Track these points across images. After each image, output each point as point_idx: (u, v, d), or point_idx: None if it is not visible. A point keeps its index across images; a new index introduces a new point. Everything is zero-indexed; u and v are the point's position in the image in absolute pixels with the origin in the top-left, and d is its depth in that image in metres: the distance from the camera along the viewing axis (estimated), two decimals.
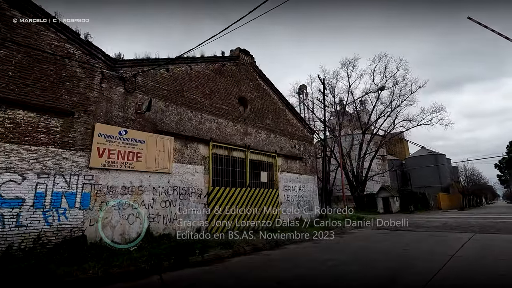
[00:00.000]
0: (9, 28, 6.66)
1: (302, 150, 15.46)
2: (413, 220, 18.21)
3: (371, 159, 36.95)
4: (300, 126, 15.77)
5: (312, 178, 15.75)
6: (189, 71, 10.53)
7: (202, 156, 10.25)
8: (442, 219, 18.61)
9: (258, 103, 13.36)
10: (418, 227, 13.00)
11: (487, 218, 18.40)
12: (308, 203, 14.94)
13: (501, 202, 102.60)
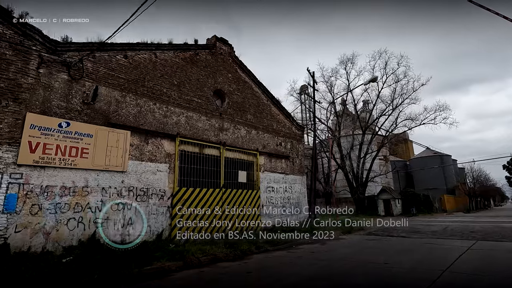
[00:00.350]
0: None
1: (289, 149, 14.30)
2: (412, 224, 16.89)
3: (372, 159, 35.55)
4: (287, 122, 14.62)
5: (301, 178, 14.57)
6: (153, 58, 9.48)
7: (166, 153, 9.17)
8: (444, 222, 17.27)
9: (237, 97, 12.26)
10: (414, 233, 11.73)
11: (493, 222, 17.00)
12: (295, 205, 13.75)
13: (510, 204, 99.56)
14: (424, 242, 8.97)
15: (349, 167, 35.13)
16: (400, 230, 13.16)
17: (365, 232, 12.87)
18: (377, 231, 13.20)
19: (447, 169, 54.52)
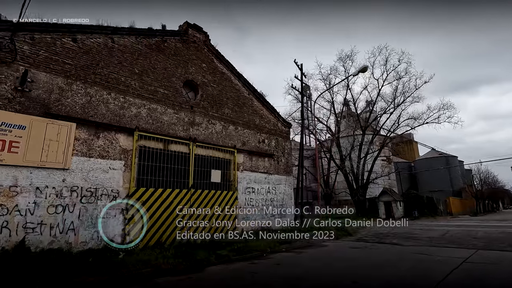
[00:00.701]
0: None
1: (273, 146, 13.20)
2: (410, 228, 15.63)
3: (373, 160, 34.20)
4: (272, 118, 13.52)
5: (287, 178, 13.44)
6: (110, 44, 8.49)
7: (122, 148, 8.15)
8: (445, 227, 15.95)
9: (213, 89, 11.21)
10: (408, 239, 10.52)
11: (499, 226, 15.63)
12: (279, 208, 12.63)
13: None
14: (414, 251, 7.77)
15: (348, 168, 33.85)
16: (394, 235, 11.96)
17: (355, 237, 11.69)
18: (369, 236, 12.01)
19: (453, 171, 52.71)
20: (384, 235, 12.39)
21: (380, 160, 47.00)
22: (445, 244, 8.93)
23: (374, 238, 11.29)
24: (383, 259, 7.00)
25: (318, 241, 10.44)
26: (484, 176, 50.98)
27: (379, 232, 13.44)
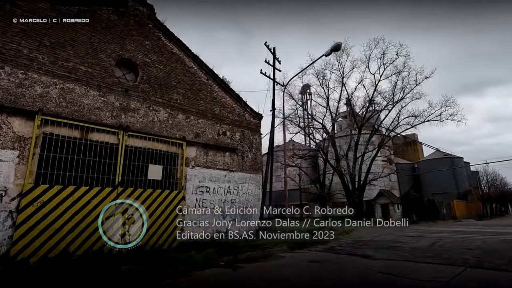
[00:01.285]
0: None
1: (237, 140, 11.50)
2: (401, 233, 13.78)
3: (371, 160, 32.27)
4: (237, 108, 11.82)
5: (254, 177, 11.72)
6: (8, 8, 6.92)
7: (17, 136, 6.54)
8: (441, 233, 14.04)
9: (159, 71, 9.57)
10: (387, 250, 8.69)
11: (503, 233, 13.67)
12: (243, 211, 10.91)
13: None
14: (383, 269, 5.98)
15: (344, 168, 31.94)
16: (374, 244, 10.15)
17: (327, 246, 9.90)
18: (344, 245, 10.22)
19: (459, 173, 50.25)
20: (363, 243, 10.58)
21: (381, 161, 44.98)
22: (429, 258, 7.10)
23: (348, 247, 9.50)
24: (334, 279, 5.25)
25: (279, 250, 8.71)
26: (491, 178, 48.37)
27: (360, 240, 11.64)
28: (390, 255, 7.69)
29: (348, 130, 35.16)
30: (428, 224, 22.56)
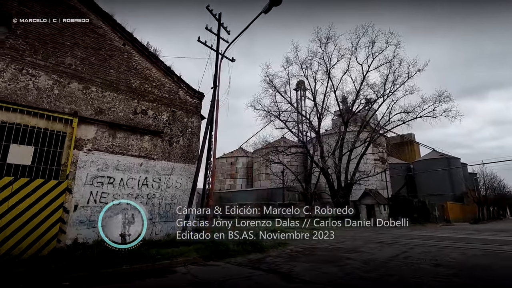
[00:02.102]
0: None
1: (165, 122, 9.34)
2: (369, 239, 11.63)
3: (359, 158, 30.10)
4: (167, 82, 9.65)
5: (186, 168, 9.56)
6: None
7: None
8: (418, 239, 11.88)
9: (44, 26, 7.39)
10: (331, 263, 6.54)
11: (491, 240, 11.50)
12: (167, 209, 8.79)
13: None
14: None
15: (329, 166, 29.75)
16: (322, 255, 8.01)
17: (256, 256, 7.72)
18: (283, 255, 8.08)
19: (455, 174, 47.99)
20: (311, 252, 8.44)
21: (373, 160, 42.82)
22: (370, 283, 4.94)
23: (284, 259, 7.35)
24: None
25: (182, 262, 6.55)
26: (488, 180, 46.05)
27: (313, 247, 9.49)
28: (322, 274, 5.52)
29: (342, 128, 32.96)
30: (414, 228, 20.37)
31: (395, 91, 28.07)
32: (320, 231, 11.73)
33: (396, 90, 27.97)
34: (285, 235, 10.51)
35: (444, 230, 18.36)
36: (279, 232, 10.53)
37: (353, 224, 13.26)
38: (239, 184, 57.27)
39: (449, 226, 26.09)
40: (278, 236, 10.09)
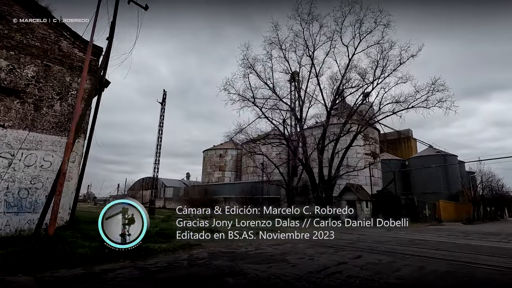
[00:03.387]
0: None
1: (29, 78, 6.87)
2: (329, 239, 9.24)
3: (345, 151, 27.62)
4: (40, 26, 7.15)
5: (61, 142, 7.12)
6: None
7: None
8: (382, 244, 9.51)
9: None
10: (229, 278, 4.14)
11: (473, 248, 9.08)
12: (20, 196, 6.38)
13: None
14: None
15: (315, 159, 27.30)
16: (197, 265, 5.59)
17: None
18: (175, 261, 5.66)
19: (451, 172, 45.43)
20: (202, 258, 6.02)
21: (364, 154, 40.32)
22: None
23: (149, 269, 4.94)
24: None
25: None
26: (486, 179, 43.48)
27: (196, 257, 7.07)
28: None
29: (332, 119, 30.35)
30: (394, 228, 17.92)
31: (386, 78, 25.46)
32: (269, 231, 9.42)
33: (388, 77, 25.34)
34: (219, 235, 8.23)
35: (427, 232, 15.96)
36: (207, 232, 8.24)
37: (327, 223, 10.88)
38: (227, 177, 54.81)
39: (438, 226, 23.66)
40: (203, 235, 7.80)
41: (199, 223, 7.50)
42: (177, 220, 7.32)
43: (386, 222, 18.51)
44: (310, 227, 11.71)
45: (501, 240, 11.73)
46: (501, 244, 10.09)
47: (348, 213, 21.51)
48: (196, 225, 7.41)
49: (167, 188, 61.86)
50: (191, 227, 7.33)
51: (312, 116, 29.42)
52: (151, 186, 62.18)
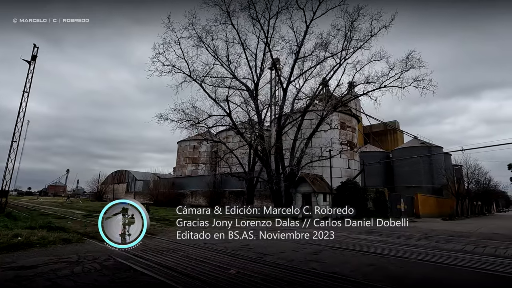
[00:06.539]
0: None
1: None
2: (204, 247, 5.52)
3: (308, 138, 23.96)
4: None
5: None
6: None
7: None
8: (281, 253, 5.85)
9: None
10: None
11: (394, 259, 5.48)
12: None
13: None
14: None
15: (264, 144, 23.56)
16: None
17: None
18: None
19: (436, 164, 41.96)
20: None
21: (339, 145, 36.35)
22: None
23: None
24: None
25: None
26: (471, 172, 40.21)
27: None
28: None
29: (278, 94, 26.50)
30: (347, 228, 14.33)
31: (355, 51, 21.76)
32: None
33: (358, 50, 21.62)
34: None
35: (376, 234, 12.39)
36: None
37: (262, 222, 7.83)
38: (201, 170, 50.75)
39: (414, 222, 20.02)
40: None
41: None
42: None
43: (343, 218, 14.42)
44: (253, 226, 8.56)
45: (464, 247, 8.13)
46: (444, 258, 6.46)
47: (303, 210, 17.30)
48: None
49: (137, 182, 57.47)
50: None
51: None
52: (123, 179, 58.00)
